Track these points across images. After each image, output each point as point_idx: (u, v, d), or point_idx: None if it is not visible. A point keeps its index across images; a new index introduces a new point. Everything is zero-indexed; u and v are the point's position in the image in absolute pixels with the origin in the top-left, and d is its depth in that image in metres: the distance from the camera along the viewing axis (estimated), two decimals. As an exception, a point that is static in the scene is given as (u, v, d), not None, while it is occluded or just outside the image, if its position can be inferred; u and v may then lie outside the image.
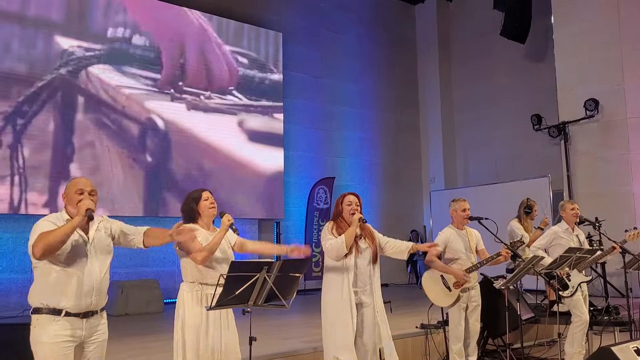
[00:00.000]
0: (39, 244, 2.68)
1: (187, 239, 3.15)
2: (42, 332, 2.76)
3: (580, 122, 9.84)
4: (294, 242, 11.14)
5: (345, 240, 4.00)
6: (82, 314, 2.84)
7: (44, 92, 8.35)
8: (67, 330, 2.79)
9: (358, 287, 4.07)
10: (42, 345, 2.76)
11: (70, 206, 2.92)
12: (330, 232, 4.13)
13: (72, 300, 2.80)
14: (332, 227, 4.17)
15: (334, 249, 4.03)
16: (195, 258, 3.35)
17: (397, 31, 13.79)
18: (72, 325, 2.80)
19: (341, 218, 4.19)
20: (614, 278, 8.42)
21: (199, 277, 3.42)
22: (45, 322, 2.77)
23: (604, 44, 9.68)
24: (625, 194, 9.28)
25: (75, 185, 2.95)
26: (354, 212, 4.13)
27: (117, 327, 6.85)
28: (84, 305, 2.84)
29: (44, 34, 8.44)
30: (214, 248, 3.35)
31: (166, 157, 9.43)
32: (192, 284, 3.43)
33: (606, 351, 3.76)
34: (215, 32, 10.25)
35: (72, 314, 2.80)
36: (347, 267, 4.04)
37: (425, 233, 13.27)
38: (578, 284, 5.21)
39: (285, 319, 6.98)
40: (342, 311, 3.98)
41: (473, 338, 4.87)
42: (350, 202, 4.19)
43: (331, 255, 4.07)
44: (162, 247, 10.61)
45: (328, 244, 4.07)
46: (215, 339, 3.35)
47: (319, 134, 11.97)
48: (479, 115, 13.01)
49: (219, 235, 3.41)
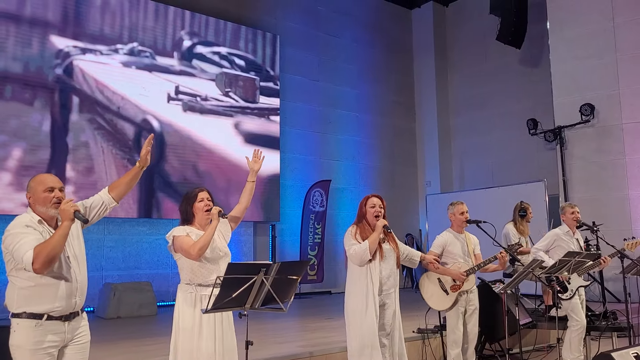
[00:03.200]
0: (40, 259, 2.57)
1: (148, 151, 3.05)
2: (23, 337, 2.64)
3: (575, 126, 9.86)
4: (290, 245, 11.11)
5: (369, 247, 3.98)
6: (64, 316, 2.73)
7: (39, 92, 8.27)
8: (49, 335, 2.68)
9: (383, 291, 4.06)
10: (22, 350, 2.64)
11: (39, 205, 2.77)
12: (354, 237, 4.10)
13: (55, 304, 2.69)
14: (355, 231, 4.14)
15: (357, 255, 4.01)
16: (190, 253, 3.28)
17: (394, 35, 13.80)
18: (54, 329, 2.69)
19: (365, 221, 4.16)
20: (610, 283, 8.42)
21: (195, 278, 3.35)
22: (25, 326, 2.65)
23: (600, 49, 9.71)
24: (620, 198, 9.28)
25: (43, 184, 2.79)
26: (377, 214, 4.11)
27: (110, 330, 6.79)
28: (68, 307, 2.74)
29: (39, 34, 8.36)
30: (207, 239, 3.28)
31: (161, 159, 9.35)
32: (188, 286, 3.37)
33: (606, 357, 3.74)
34: (212, 33, 10.21)
35: (54, 317, 2.70)
36: (372, 272, 4.02)
37: (421, 237, 13.25)
38: (577, 288, 5.20)
39: (281, 323, 6.93)
40: (367, 316, 3.96)
41: (471, 343, 4.83)
42: (373, 204, 4.17)
43: (355, 261, 4.05)
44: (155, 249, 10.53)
45: (352, 249, 4.05)
46: (209, 343, 3.27)
47: (315, 137, 11.93)
48: (475, 119, 13.02)
49: (212, 226, 3.34)
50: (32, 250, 2.60)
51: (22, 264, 2.61)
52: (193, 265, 3.34)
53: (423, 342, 5.59)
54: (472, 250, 4.94)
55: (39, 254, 2.58)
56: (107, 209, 3.06)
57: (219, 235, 3.51)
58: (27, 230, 2.68)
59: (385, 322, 4.07)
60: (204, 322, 3.28)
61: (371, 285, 4.00)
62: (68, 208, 2.70)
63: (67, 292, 2.74)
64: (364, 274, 4.04)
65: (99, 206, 3.03)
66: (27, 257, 2.59)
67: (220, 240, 3.50)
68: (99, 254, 8.76)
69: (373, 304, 3.98)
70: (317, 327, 6.56)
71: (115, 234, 8.97)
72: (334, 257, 11.56)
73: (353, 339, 4.04)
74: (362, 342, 3.96)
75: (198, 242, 3.28)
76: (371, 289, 3.99)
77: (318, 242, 11.01)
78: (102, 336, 6.07)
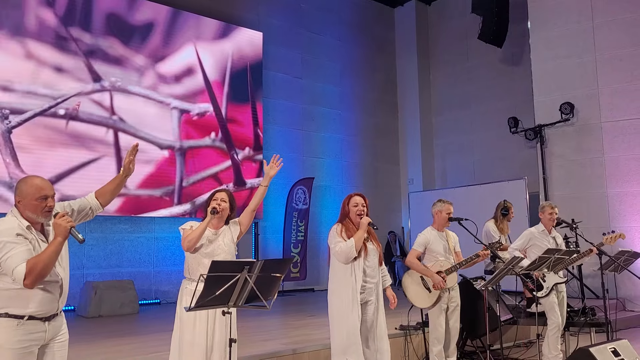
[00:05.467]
0: (31, 276, 2.54)
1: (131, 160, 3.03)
2: (3, 337, 2.61)
3: (555, 125, 9.98)
4: (273, 242, 11.09)
5: (355, 244, 4.02)
6: (45, 317, 2.71)
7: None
8: (31, 335, 2.66)
9: (366, 288, 4.08)
10: (2, 350, 2.61)
11: (28, 211, 2.69)
12: (340, 235, 4.12)
13: (38, 306, 2.67)
14: (341, 229, 4.16)
15: (343, 252, 4.04)
16: (182, 245, 3.54)
17: (377, 33, 13.83)
18: (35, 328, 2.67)
19: (348, 219, 4.19)
20: (589, 279, 8.55)
21: (191, 274, 3.56)
22: (6, 326, 2.62)
23: (579, 49, 9.84)
24: (599, 196, 9.44)
25: (38, 191, 2.69)
26: (360, 213, 4.13)
27: (91, 329, 6.72)
28: (50, 310, 2.73)
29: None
30: (195, 234, 3.50)
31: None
32: (186, 280, 3.57)
33: (584, 352, 3.80)
34: (194, 30, 10.13)
35: (36, 317, 2.67)
36: (355, 270, 4.05)
37: (404, 234, 13.32)
38: (552, 285, 5.27)
39: (265, 320, 6.91)
40: (350, 313, 3.99)
41: (453, 339, 4.88)
42: (356, 203, 4.19)
43: (340, 258, 4.07)
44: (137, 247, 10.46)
45: (338, 247, 4.07)
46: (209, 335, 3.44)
47: (298, 135, 11.92)
48: (457, 117, 13.12)
49: (203, 222, 3.56)
50: (24, 264, 2.56)
51: (12, 276, 2.57)
52: (189, 259, 3.57)
53: (405, 339, 5.63)
54: (453, 247, 4.99)
55: (31, 270, 2.55)
56: (93, 214, 3.05)
57: (227, 234, 3.70)
58: (18, 239, 2.63)
59: (367, 318, 4.10)
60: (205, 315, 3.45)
61: (354, 284, 4.02)
62: (64, 224, 2.64)
63: (51, 295, 2.72)
64: (348, 272, 4.06)
65: (85, 210, 3.01)
66: (19, 272, 2.56)
67: (226, 239, 3.67)
68: (80, 252, 8.65)
69: (357, 301, 4.00)
70: (301, 325, 6.56)
71: (96, 232, 8.87)
72: (317, 254, 11.57)
73: (337, 337, 4.05)
74: (346, 339, 3.98)
75: (188, 236, 3.52)
76: (354, 287, 4.02)
77: (301, 239, 11.01)
78: (83, 335, 6.00)
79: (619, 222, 9.14)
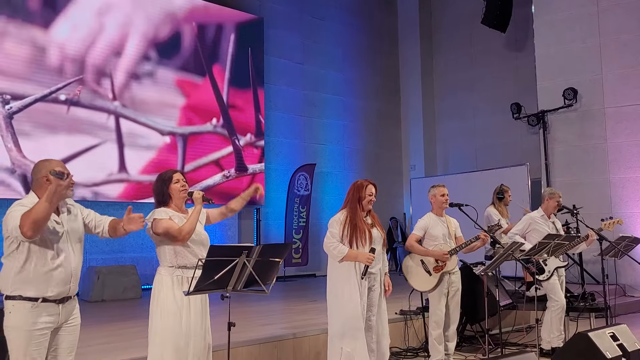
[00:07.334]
0: (26, 223, 2.59)
1: (137, 228, 3.02)
2: (18, 319, 2.69)
3: (558, 111, 9.93)
4: (274, 228, 11.12)
5: (344, 259, 4.00)
6: (59, 300, 2.79)
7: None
8: (44, 317, 2.74)
9: (371, 274, 4.08)
10: (17, 331, 2.69)
11: (41, 191, 2.76)
12: (341, 226, 4.09)
13: (51, 288, 2.75)
14: (345, 219, 4.12)
15: (331, 252, 4.07)
16: (177, 237, 3.27)
17: (379, 18, 13.72)
18: (49, 311, 2.75)
19: (359, 206, 4.11)
20: (589, 265, 8.57)
21: (178, 261, 3.34)
22: (21, 308, 2.70)
23: (583, 34, 9.75)
24: (602, 182, 9.41)
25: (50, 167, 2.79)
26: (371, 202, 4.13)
27: (94, 313, 6.77)
28: (62, 292, 2.80)
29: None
30: (193, 224, 3.30)
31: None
32: (171, 268, 3.34)
33: (583, 337, 3.81)
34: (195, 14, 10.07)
35: (49, 300, 2.75)
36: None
37: (405, 220, 13.34)
38: (554, 269, 5.29)
39: (265, 305, 6.95)
40: (351, 300, 3.97)
41: (453, 323, 4.90)
42: (372, 192, 4.16)
43: (326, 252, 4.11)
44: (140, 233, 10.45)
45: (329, 242, 4.08)
46: (191, 324, 3.28)
47: (300, 120, 11.89)
48: (460, 103, 13.06)
49: (196, 210, 3.37)
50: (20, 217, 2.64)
51: (16, 232, 2.63)
52: (176, 248, 3.32)
53: (405, 324, 5.66)
54: (454, 232, 5.00)
55: (25, 219, 2.60)
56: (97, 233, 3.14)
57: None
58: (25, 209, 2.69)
59: (372, 302, 4.09)
60: (190, 303, 3.28)
61: (355, 269, 4.01)
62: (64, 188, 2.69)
63: (63, 278, 2.79)
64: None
65: (95, 227, 3.11)
66: (11, 226, 2.65)
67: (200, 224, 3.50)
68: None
69: (357, 287, 3.99)
70: (302, 310, 6.60)
71: (98, 217, 8.89)
72: (319, 240, 11.58)
73: (335, 322, 4.05)
74: (345, 325, 3.97)
75: (184, 226, 3.28)
76: (355, 272, 4.01)
77: (303, 225, 11.04)
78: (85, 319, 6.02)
79: (621, 208, 9.12)
